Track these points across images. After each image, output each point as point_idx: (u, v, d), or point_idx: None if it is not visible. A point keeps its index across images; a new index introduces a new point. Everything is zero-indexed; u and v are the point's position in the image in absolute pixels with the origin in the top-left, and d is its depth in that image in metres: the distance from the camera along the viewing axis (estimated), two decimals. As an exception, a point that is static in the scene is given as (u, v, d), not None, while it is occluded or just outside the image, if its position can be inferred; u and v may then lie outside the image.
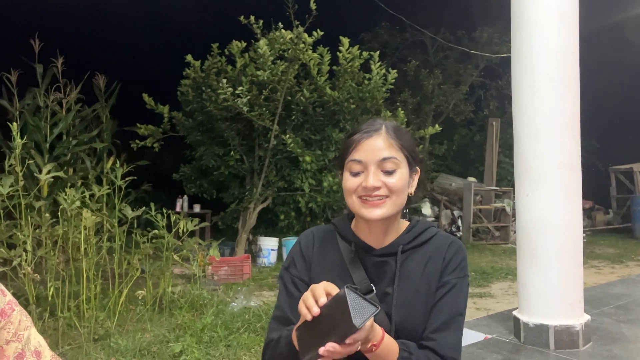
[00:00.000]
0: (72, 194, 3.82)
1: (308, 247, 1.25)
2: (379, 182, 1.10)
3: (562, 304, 3.50)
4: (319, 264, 1.22)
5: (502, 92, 13.31)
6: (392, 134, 1.13)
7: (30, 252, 3.47)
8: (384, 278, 1.15)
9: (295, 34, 6.78)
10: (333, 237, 1.24)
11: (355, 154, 1.12)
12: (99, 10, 10.23)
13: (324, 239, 1.25)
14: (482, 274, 6.83)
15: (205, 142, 7.94)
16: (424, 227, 1.21)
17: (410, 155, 1.15)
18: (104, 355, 3.33)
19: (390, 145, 1.12)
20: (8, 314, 1.10)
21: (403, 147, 1.13)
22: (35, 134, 6.41)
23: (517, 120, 3.73)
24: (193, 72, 7.45)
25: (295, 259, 1.25)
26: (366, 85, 7.47)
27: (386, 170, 1.10)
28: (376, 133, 1.12)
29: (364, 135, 1.12)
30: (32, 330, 1.14)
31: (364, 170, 1.11)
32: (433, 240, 1.19)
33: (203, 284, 5.06)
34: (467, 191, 10.60)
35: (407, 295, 1.13)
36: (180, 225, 4.52)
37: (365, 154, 1.11)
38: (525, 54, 3.62)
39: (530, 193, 3.59)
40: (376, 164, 1.10)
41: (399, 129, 1.16)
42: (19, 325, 1.11)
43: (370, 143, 1.11)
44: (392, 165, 1.10)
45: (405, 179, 1.13)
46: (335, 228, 1.25)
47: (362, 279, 1.15)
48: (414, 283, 1.14)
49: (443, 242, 1.19)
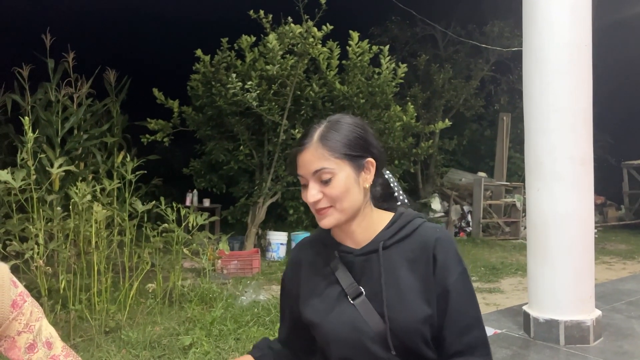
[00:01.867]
0: (83, 187, 3.85)
1: (298, 257, 1.28)
2: (318, 195, 1.10)
3: (572, 300, 3.47)
4: (308, 272, 1.22)
5: (513, 86, 13.18)
6: (322, 142, 1.09)
7: (42, 245, 3.51)
8: (370, 277, 1.13)
9: (305, 28, 6.76)
10: (317, 246, 1.25)
11: (297, 169, 1.13)
12: (109, 6, 10.27)
13: (310, 248, 1.26)
14: (492, 269, 6.80)
15: (215, 137, 7.96)
16: (406, 219, 1.16)
17: (350, 154, 1.10)
18: (115, 347, 3.37)
19: (321, 156, 1.09)
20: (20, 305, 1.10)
21: (336, 152, 1.09)
22: (47, 129, 6.47)
23: (528, 115, 3.69)
24: (203, 66, 7.46)
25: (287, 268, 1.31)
26: (376, 79, 7.44)
27: (323, 180, 1.09)
28: (306, 146, 1.11)
29: (299, 149, 1.13)
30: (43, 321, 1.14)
31: (307, 182, 1.12)
32: (418, 233, 1.14)
33: (212, 278, 5.09)
34: (477, 186, 10.54)
35: (397, 289, 1.10)
36: (190, 220, 4.54)
37: (301, 169, 1.12)
38: (537, 48, 3.58)
39: (541, 188, 3.56)
40: (312, 177, 1.10)
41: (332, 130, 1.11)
42: (31, 317, 1.11)
43: (303, 157, 1.11)
44: (327, 174, 1.09)
45: (349, 181, 1.10)
46: (318, 236, 1.26)
47: (350, 283, 1.14)
48: (403, 277, 1.11)
49: (429, 236, 1.13)
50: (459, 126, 12.76)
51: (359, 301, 1.12)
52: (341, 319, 1.12)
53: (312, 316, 1.16)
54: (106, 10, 10.52)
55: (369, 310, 1.10)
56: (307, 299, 1.19)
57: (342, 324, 1.12)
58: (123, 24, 10.62)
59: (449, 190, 11.38)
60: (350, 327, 1.11)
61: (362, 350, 1.09)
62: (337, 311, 1.13)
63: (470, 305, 1.11)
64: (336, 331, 1.12)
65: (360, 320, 1.10)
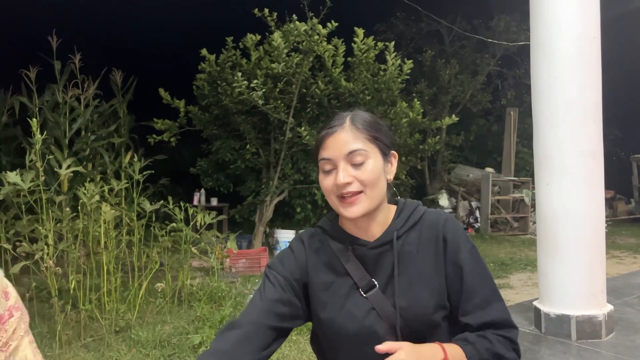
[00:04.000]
0: (92, 188, 3.86)
1: (300, 249, 1.21)
2: (350, 177, 1.07)
3: (584, 294, 3.44)
4: (316, 269, 1.17)
5: (519, 81, 13.09)
6: (357, 125, 1.10)
7: (51, 245, 3.53)
8: (384, 269, 1.13)
9: (310, 26, 6.74)
10: (323, 240, 1.20)
11: (323, 152, 1.10)
12: (114, 7, 10.30)
13: (315, 242, 1.21)
14: (501, 265, 6.76)
15: (222, 136, 7.97)
16: (412, 207, 1.19)
17: (382, 142, 1.11)
18: (125, 346, 3.38)
19: (356, 137, 1.08)
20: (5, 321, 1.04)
21: (371, 136, 1.10)
22: (55, 130, 6.51)
23: (536, 109, 3.66)
24: (208, 66, 7.46)
25: (283, 258, 1.20)
26: (381, 76, 7.41)
27: (355, 163, 1.07)
28: (340, 127, 1.09)
29: (328, 131, 1.10)
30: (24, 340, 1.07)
31: (334, 167, 1.09)
32: (425, 218, 1.16)
33: (221, 277, 5.10)
34: (484, 182, 10.49)
35: (410, 279, 1.10)
36: (198, 219, 4.55)
37: (332, 151, 1.09)
38: (544, 41, 3.54)
39: (551, 182, 3.53)
40: (344, 159, 1.08)
41: (365, 117, 1.13)
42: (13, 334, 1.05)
43: (336, 139, 1.09)
44: (361, 157, 1.07)
45: (379, 167, 1.09)
46: (323, 230, 1.21)
47: (363, 276, 1.12)
48: (415, 266, 1.11)
49: (435, 219, 1.15)
50: (465, 122, 12.71)
51: (372, 294, 1.10)
52: (354, 313, 1.10)
53: (322, 312, 1.14)
54: (111, 11, 10.55)
55: (382, 303, 1.09)
56: (317, 294, 1.16)
57: (355, 318, 1.10)
58: (128, 25, 10.64)
59: (456, 186, 11.33)
60: (364, 321, 1.10)
61: (376, 343, 1.08)
62: (349, 305, 1.11)
63: (484, 279, 1.11)
64: (348, 326, 1.11)
65: (373, 314, 1.09)
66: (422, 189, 12.01)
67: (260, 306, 1.12)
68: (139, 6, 10.21)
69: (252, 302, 1.14)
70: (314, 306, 1.16)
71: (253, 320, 1.10)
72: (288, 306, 1.13)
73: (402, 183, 8.64)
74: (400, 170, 8.25)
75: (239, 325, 1.09)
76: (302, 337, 3.50)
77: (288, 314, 1.13)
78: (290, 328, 1.16)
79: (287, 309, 1.13)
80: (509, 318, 1.10)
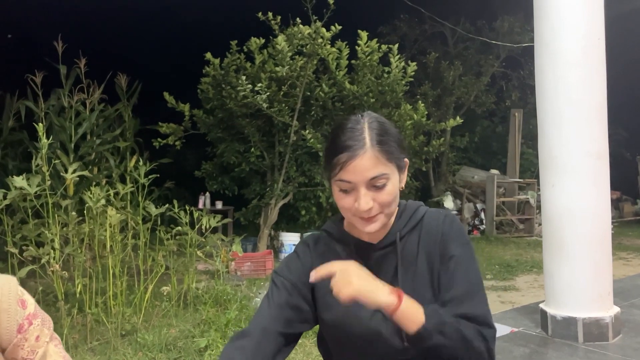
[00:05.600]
0: (97, 192, 3.88)
1: (306, 253, 1.21)
2: (370, 203, 1.05)
3: (590, 296, 3.42)
4: None
5: (524, 82, 13.05)
6: (377, 146, 1.04)
7: (58, 249, 3.54)
8: (387, 270, 1.13)
9: (314, 29, 6.75)
10: (329, 243, 1.21)
11: (342, 175, 1.05)
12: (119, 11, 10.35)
13: (320, 245, 1.22)
14: (507, 267, 6.74)
15: (226, 139, 7.98)
16: (413, 207, 1.19)
17: (397, 156, 1.08)
18: (131, 350, 3.39)
19: (378, 162, 1.04)
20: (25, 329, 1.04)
21: (390, 154, 1.06)
22: (61, 134, 6.54)
23: (541, 110, 3.65)
24: (213, 69, 7.49)
25: (289, 262, 1.21)
26: (385, 78, 7.41)
27: (377, 186, 1.05)
28: (361, 150, 1.03)
29: (350, 155, 1.03)
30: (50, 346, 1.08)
31: (354, 189, 1.06)
32: (427, 217, 1.17)
33: (226, 280, 5.10)
34: (489, 183, 10.46)
35: (414, 279, 1.11)
36: (203, 222, 4.56)
37: (352, 175, 1.04)
38: (549, 42, 3.54)
39: (556, 183, 3.52)
40: (365, 184, 1.04)
41: (383, 133, 1.07)
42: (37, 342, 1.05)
43: (358, 164, 1.03)
44: (383, 180, 1.05)
45: (397, 184, 1.09)
46: (328, 234, 1.22)
47: None
48: (417, 266, 1.12)
49: (435, 217, 1.16)
50: (470, 123, 12.68)
51: None
52: (359, 314, 1.11)
53: (328, 313, 1.15)
54: (116, 16, 10.60)
55: None
56: (323, 297, 1.16)
57: (361, 320, 1.11)
58: (133, 30, 10.69)
59: (461, 188, 11.30)
60: (369, 322, 1.10)
61: (381, 344, 1.08)
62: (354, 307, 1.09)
63: (470, 273, 1.09)
64: (354, 327, 1.12)
65: (379, 315, 1.09)
66: (427, 191, 11.99)
67: (268, 312, 1.12)
68: (143, 11, 10.26)
69: (261, 309, 1.14)
70: (320, 308, 1.17)
71: (263, 327, 1.10)
72: (296, 310, 1.14)
73: (406, 185, 8.59)
74: (404, 173, 8.23)
75: (249, 334, 1.09)
76: (307, 340, 3.50)
77: (297, 318, 1.14)
78: (300, 333, 1.16)
79: (295, 313, 1.13)
80: (487, 316, 1.06)
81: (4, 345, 1.03)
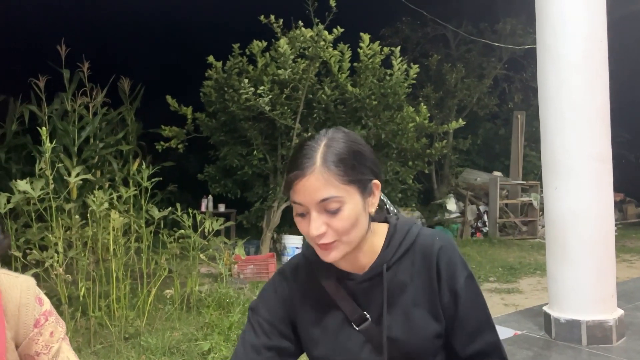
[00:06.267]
0: (101, 196, 3.89)
1: (283, 285, 1.13)
2: (323, 227, 0.96)
3: (594, 299, 3.41)
4: (303, 305, 1.10)
5: (526, 84, 13.05)
6: (330, 167, 0.94)
7: (61, 253, 3.55)
8: (376, 301, 1.05)
9: (316, 32, 6.77)
10: (309, 272, 1.10)
11: (294, 196, 0.97)
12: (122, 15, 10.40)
13: (300, 274, 1.12)
14: (510, 269, 6.72)
15: (229, 142, 8.00)
16: (403, 232, 1.07)
17: (360, 179, 0.98)
18: (134, 353, 3.39)
19: (328, 182, 0.94)
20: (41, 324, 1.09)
21: (347, 176, 0.95)
22: (64, 138, 6.57)
23: (544, 112, 3.65)
24: (215, 73, 7.51)
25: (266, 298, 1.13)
26: (388, 81, 7.42)
27: (330, 210, 0.95)
28: (310, 170, 0.94)
29: (297, 173, 0.95)
30: (63, 343, 1.12)
31: (307, 212, 0.97)
32: (418, 243, 1.07)
33: (229, 283, 5.11)
34: (492, 186, 10.45)
35: (405, 309, 1.04)
36: (206, 225, 4.56)
37: (302, 197, 0.96)
38: (551, 44, 3.54)
39: (559, 186, 3.51)
40: (316, 207, 0.95)
41: (339, 152, 0.96)
42: (51, 337, 1.10)
43: (305, 184, 0.94)
44: (335, 204, 0.95)
45: (357, 210, 0.97)
46: (307, 262, 1.11)
47: (353, 309, 1.05)
48: (409, 295, 1.04)
49: (430, 245, 1.05)
50: (472, 125, 12.68)
51: (365, 327, 1.04)
52: (349, 347, 1.05)
53: (316, 349, 1.09)
54: (119, 20, 10.65)
55: (376, 335, 1.04)
56: (307, 331, 1.10)
57: (350, 353, 1.05)
58: (136, 33, 10.74)
59: (464, 191, 11.29)
60: (359, 355, 1.05)
61: None
62: (343, 340, 1.06)
63: (479, 308, 1.05)
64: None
65: (368, 347, 1.04)
66: (429, 193, 11.98)
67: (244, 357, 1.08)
68: (146, 15, 10.30)
69: (236, 354, 1.10)
70: (306, 344, 1.11)
71: None
72: (276, 351, 1.08)
73: (409, 187, 8.62)
74: (407, 175, 8.24)
75: None
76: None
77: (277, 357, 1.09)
78: None
79: (275, 354, 1.08)
80: (500, 347, 1.06)
81: (20, 340, 1.07)
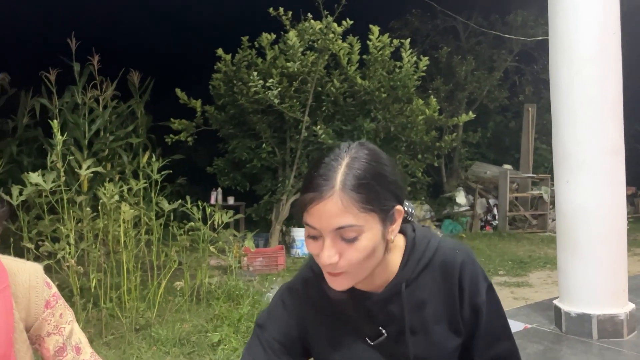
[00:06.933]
0: (111, 188, 3.92)
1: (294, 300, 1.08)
2: (335, 257, 0.89)
3: (605, 293, 3.39)
4: (315, 323, 1.06)
5: (537, 76, 12.91)
6: (349, 193, 0.87)
7: (73, 245, 3.59)
8: (393, 318, 1.01)
9: (325, 24, 6.74)
10: (318, 284, 1.03)
11: (308, 218, 0.90)
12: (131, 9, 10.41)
13: (310, 289, 1.06)
14: (520, 263, 6.69)
15: (238, 135, 8.01)
16: (422, 247, 1.02)
17: (381, 206, 0.90)
18: (145, 344, 3.42)
19: (347, 210, 0.86)
20: (52, 306, 1.12)
21: (367, 203, 0.88)
22: (75, 131, 6.61)
23: (555, 105, 3.61)
24: (224, 65, 7.51)
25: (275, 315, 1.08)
26: (397, 73, 7.38)
27: (346, 238, 0.88)
28: (328, 194, 0.87)
29: (314, 195, 0.88)
30: (74, 325, 1.15)
31: (320, 235, 0.90)
32: (437, 257, 1.02)
33: (239, 275, 5.13)
34: (502, 179, 10.38)
35: (426, 325, 1.01)
36: (216, 218, 4.58)
37: (317, 221, 0.88)
38: (563, 36, 3.49)
39: (571, 180, 3.48)
40: (331, 234, 0.88)
41: (360, 176, 0.88)
42: (61, 319, 1.12)
43: (322, 209, 0.87)
44: (353, 233, 0.88)
45: (375, 239, 0.90)
46: (317, 276, 1.02)
47: (369, 327, 1.02)
48: (429, 311, 1.01)
49: (451, 261, 1.01)
50: (482, 118, 12.57)
51: (380, 342, 1.01)
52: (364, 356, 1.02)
53: None
54: (128, 13, 10.67)
55: (393, 352, 1.01)
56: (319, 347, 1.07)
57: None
58: (145, 26, 10.76)
59: (473, 184, 11.23)
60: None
61: None
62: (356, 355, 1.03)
63: (499, 318, 1.06)
64: None
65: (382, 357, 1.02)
66: (439, 187, 11.93)
67: None
68: (155, 8, 10.31)
69: None
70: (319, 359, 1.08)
71: None
72: None
73: (418, 181, 8.59)
74: (416, 168, 8.21)
75: None
76: None
77: None
78: None
79: None
80: (517, 355, 1.08)
81: (31, 322, 1.09)
